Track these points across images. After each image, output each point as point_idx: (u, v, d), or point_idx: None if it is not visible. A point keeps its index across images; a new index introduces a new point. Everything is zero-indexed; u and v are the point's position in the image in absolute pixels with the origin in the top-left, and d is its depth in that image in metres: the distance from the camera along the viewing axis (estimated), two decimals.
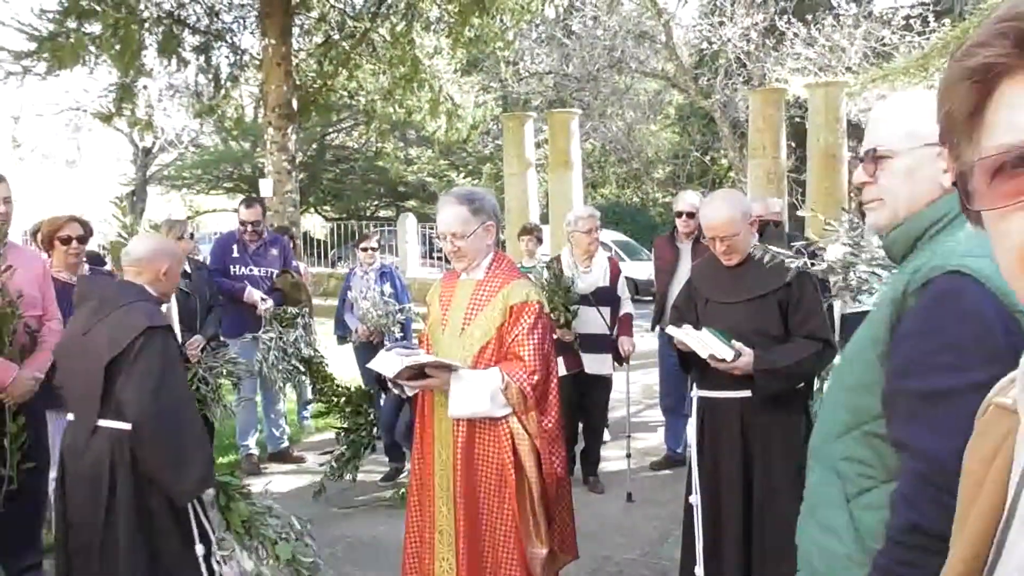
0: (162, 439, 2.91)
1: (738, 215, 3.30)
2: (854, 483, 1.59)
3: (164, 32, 12.71)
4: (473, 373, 2.95)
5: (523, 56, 19.84)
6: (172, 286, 3.33)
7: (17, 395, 3.75)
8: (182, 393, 3.05)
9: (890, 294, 1.55)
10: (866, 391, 1.55)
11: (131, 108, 13.22)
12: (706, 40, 17.95)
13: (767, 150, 12.83)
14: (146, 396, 2.87)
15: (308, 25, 14.40)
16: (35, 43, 12.09)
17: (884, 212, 1.62)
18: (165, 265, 3.19)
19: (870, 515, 1.55)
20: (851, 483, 1.59)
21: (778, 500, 3.25)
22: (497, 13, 12.84)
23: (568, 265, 5.54)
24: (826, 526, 1.64)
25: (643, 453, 6.30)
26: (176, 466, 2.93)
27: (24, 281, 3.81)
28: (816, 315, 3.27)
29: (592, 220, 5.58)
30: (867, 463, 1.57)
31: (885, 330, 1.51)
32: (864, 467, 1.57)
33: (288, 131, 12.77)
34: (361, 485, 5.69)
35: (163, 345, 2.96)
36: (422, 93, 13.96)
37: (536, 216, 14.01)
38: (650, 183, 23.27)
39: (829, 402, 1.74)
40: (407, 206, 25.40)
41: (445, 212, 3.05)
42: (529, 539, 2.93)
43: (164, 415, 2.90)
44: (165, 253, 3.23)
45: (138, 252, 3.19)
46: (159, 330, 2.97)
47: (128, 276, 3.19)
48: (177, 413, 2.95)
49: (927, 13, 15.23)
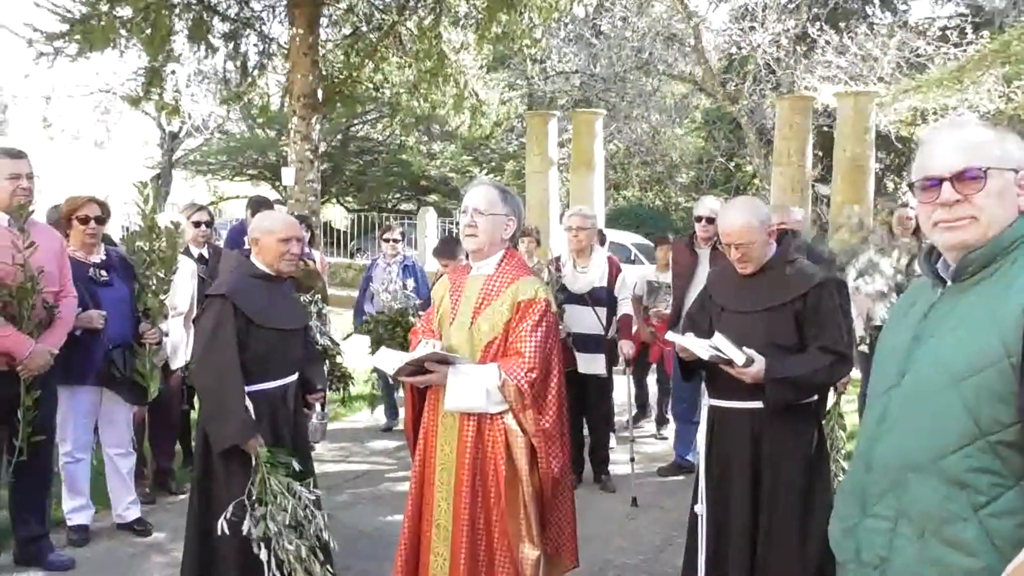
0: (206, 391, 3.48)
1: (755, 223, 3.26)
2: (984, 493, 1.58)
3: (194, 18, 12.78)
4: (471, 368, 2.94)
5: (550, 54, 19.79)
6: (271, 259, 3.58)
7: (33, 368, 3.85)
8: (228, 355, 3.34)
9: (1011, 307, 1.58)
10: (998, 401, 1.56)
11: (159, 92, 13.30)
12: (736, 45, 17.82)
13: (792, 158, 12.71)
14: (198, 351, 3.45)
15: (336, 16, 14.43)
16: (67, 25, 12.19)
17: (975, 230, 1.69)
18: (258, 241, 3.60)
19: (1005, 522, 1.56)
20: (980, 494, 1.58)
21: (785, 514, 3.22)
22: (525, 10, 12.79)
23: (566, 264, 5.53)
24: (954, 543, 1.60)
25: (651, 459, 6.27)
26: (216, 417, 3.36)
27: (44, 257, 3.89)
28: (832, 327, 3.22)
29: (578, 219, 5.54)
30: (997, 472, 1.57)
31: (1016, 341, 1.55)
32: (994, 476, 1.57)
33: (312, 121, 12.80)
34: (368, 476, 5.71)
35: (217, 311, 3.37)
36: (447, 88, 13.94)
37: (556, 215, 13.98)
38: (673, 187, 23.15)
39: (928, 413, 1.66)
40: (428, 200, 25.43)
41: (476, 190, 3.10)
42: (520, 539, 2.90)
43: (209, 370, 3.38)
44: (257, 229, 3.64)
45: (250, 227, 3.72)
46: (218, 298, 3.41)
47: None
48: (220, 371, 3.34)
49: (965, 24, 15.00)
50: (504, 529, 2.91)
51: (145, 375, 4.46)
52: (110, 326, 4.34)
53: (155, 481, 5.25)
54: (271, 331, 3.53)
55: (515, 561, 2.90)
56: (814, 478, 3.28)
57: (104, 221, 4.47)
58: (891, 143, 16.09)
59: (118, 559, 4.31)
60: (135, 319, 4.48)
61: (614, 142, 21.33)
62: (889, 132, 15.25)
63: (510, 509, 2.90)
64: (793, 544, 3.20)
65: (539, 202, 13.96)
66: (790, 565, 3.19)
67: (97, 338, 4.30)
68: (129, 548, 4.46)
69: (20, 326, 3.80)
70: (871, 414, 1.84)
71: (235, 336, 3.38)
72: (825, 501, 3.29)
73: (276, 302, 3.63)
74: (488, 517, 2.93)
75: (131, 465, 4.71)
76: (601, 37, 19.29)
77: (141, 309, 4.50)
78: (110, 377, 4.38)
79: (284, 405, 3.61)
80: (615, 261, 5.77)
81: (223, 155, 27.77)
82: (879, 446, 1.76)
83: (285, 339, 3.61)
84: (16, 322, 3.79)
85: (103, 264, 4.46)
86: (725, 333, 3.27)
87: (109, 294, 4.40)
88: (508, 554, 2.90)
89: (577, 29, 19.97)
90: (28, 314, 3.82)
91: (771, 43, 16.85)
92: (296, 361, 3.69)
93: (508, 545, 2.90)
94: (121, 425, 4.62)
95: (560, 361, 3.07)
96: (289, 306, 3.71)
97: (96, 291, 4.36)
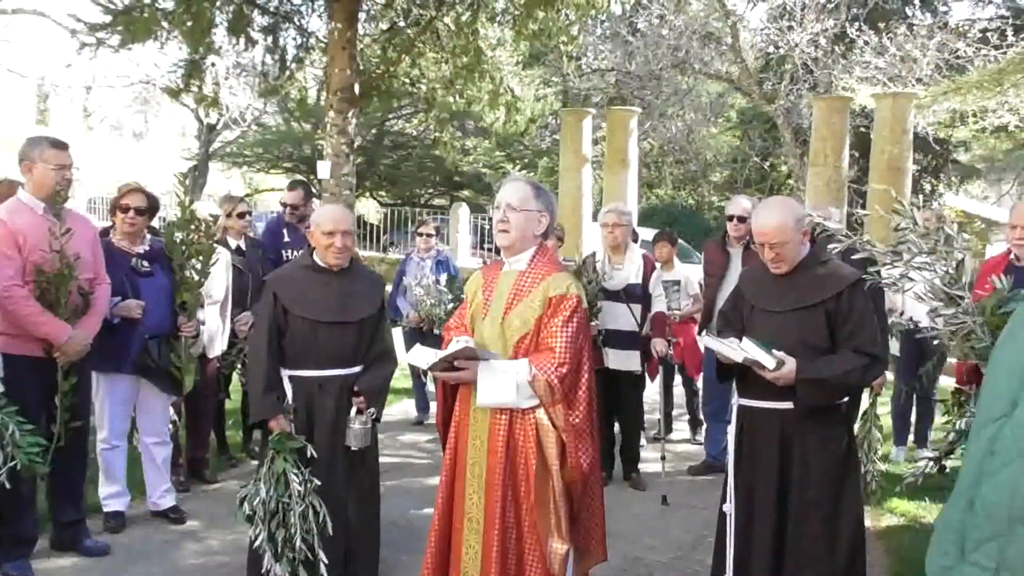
0: (248, 365, 4.16)
1: (790, 223, 3.24)
2: None
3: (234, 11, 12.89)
4: (502, 363, 2.97)
5: (586, 51, 19.73)
6: (320, 251, 3.74)
7: (71, 354, 3.89)
8: (260, 338, 3.71)
9: None
10: None
11: (198, 84, 13.45)
12: (773, 44, 17.65)
13: (829, 159, 12.57)
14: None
15: (374, 11, 14.49)
16: (110, 16, 12.36)
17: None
18: (311, 233, 3.79)
19: None
20: None
21: (812, 514, 3.21)
22: (562, 7, 12.75)
23: (601, 261, 5.53)
24: None
25: (682, 457, 6.25)
26: (251, 391, 3.84)
27: (79, 244, 3.94)
28: (866, 328, 3.20)
29: (614, 216, 5.58)
30: None
31: None
32: None
33: (349, 115, 12.87)
34: (399, 469, 5.75)
35: (263, 296, 3.79)
36: (483, 84, 13.95)
37: (589, 213, 13.95)
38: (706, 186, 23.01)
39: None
40: (461, 196, 25.47)
41: (509, 186, 3.12)
42: (549, 534, 2.92)
43: (250, 347, 4.12)
44: (311, 221, 3.95)
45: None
46: (265, 283, 3.87)
47: None
48: (254, 351, 3.82)
49: (1005, 27, 14.74)
50: (534, 523, 2.93)
51: (181, 367, 4.51)
52: (149, 316, 4.39)
53: (189, 469, 5.33)
54: (304, 320, 3.63)
55: (544, 555, 2.92)
56: (843, 483, 3.26)
57: (145, 212, 4.52)
58: (929, 145, 15.86)
59: (153, 546, 4.38)
60: (174, 311, 4.53)
61: (648, 140, 21.23)
62: (927, 134, 15.02)
63: (540, 503, 2.92)
64: (820, 553, 3.19)
65: (572, 199, 13.94)
66: (815, 566, 3.18)
67: (135, 327, 4.35)
68: (163, 536, 4.52)
69: (57, 312, 3.83)
70: (976, 444, 1.62)
71: (271, 321, 3.64)
72: (854, 508, 3.28)
73: (319, 292, 3.68)
74: (518, 511, 2.95)
75: (167, 454, 4.77)
76: (637, 35, 19.18)
77: (179, 302, 4.54)
78: (146, 366, 4.43)
79: (321, 397, 3.66)
80: (650, 258, 5.77)
81: (259, 147, 28.00)
82: (984, 485, 1.56)
83: (321, 330, 3.65)
84: (53, 308, 3.82)
85: (146, 255, 4.51)
86: (757, 332, 3.27)
87: (150, 284, 4.46)
88: (537, 548, 2.92)
89: (613, 26, 19.88)
90: (65, 300, 3.86)
91: (809, 43, 16.66)
92: (342, 356, 3.69)
93: (537, 539, 2.92)
94: (157, 414, 4.69)
95: (590, 358, 3.08)
96: (338, 299, 3.71)
97: (137, 281, 4.42)
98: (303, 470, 3.48)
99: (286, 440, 3.52)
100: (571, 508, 2.98)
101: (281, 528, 3.42)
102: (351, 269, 3.81)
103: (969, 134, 14.79)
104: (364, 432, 3.68)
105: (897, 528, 4.99)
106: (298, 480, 3.43)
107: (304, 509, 3.43)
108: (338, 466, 3.66)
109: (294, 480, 3.43)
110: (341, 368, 3.69)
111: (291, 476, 3.43)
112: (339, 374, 3.68)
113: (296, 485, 3.42)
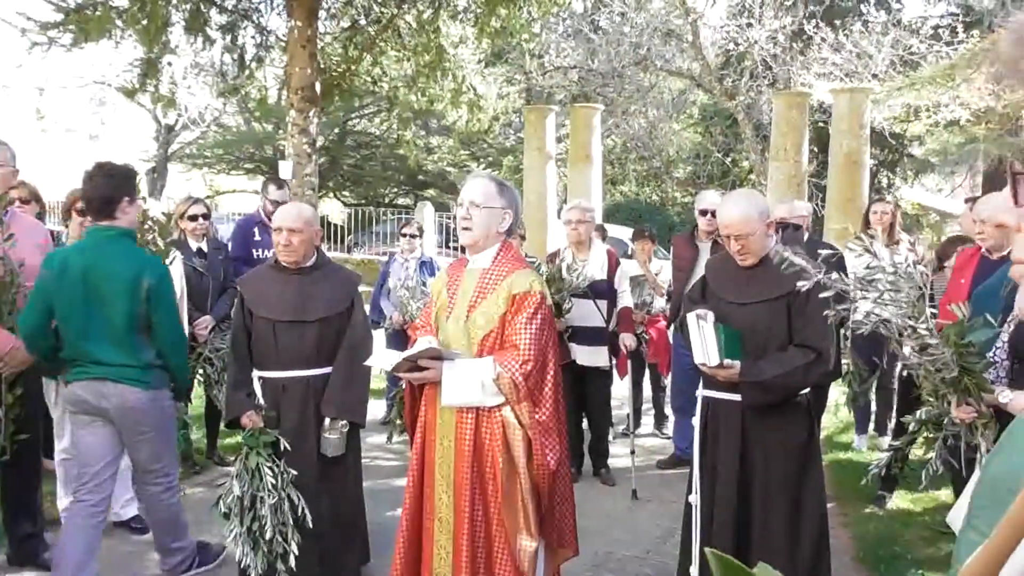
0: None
1: (754, 215, 3.26)
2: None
3: (191, 9, 12.69)
4: (466, 362, 2.94)
5: (548, 49, 19.72)
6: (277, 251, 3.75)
7: (14, 364, 3.72)
8: (231, 337, 3.84)
9: None
10: None
11: (155, 84, 13.21)
12: (733, 41, 17.77)
13: (789, 153, 12.74)
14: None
15: (335, 9, 14.36)
16: (62, 14, 12.09)
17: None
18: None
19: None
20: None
21: (774, 503, 3.24)
22: (524, 5, 12.74)
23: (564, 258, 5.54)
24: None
25: (650, 452, 6.28)
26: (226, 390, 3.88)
27: (25, 250, 3.78)
28: (815, 322, 3.16)
29: (577, 212, 5.61)
30: None
31: None
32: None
33: (310, 114, 12.74)
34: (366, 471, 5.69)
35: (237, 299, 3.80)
36: (445, 82, 13.89)
37: (554, 209, 13.97)
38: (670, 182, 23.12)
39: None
40: (426, 195, 25.39)
41: (472, 183, 3.10)
42: (518, 531, 2.90)
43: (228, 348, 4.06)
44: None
45: None
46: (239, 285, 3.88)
47: None
48: (229, 351, 3.91)
49: (956, 23, 15.03)
50: (502, 521, 2.91)
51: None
52: None
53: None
54: (265, 320, 3.62)
55: (513, 552, 2.90)
56: (805, 475, 3.29)
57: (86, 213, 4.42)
58: (885, 139, 16.11)
59: (115, 557, 4.28)
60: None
61: (612, 137, 21.31)
62: (883, 128, 15.25)
63: (508, 501, 2.90)
64: (783, 544, 3.22)
65: (537, 196, 13.96)
66: (780, 566, 3.19)
67: None
68: (127, 546, 4.44)
69: (0, 321, 3.68)
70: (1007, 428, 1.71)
71: (241, 321, 3.71)
72: (816, 500, 3.31)
73: (279, 292, 3.63)
74: (487, 510, 2.93)
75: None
76: (599, 32, 19.23)
77: None
78: None
79: (286, 399, 3.61)
80: (614, 254, 5.77)
81: (219, 149, 27.64)
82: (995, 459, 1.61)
83: (280, 330, 3.60)
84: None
85: None
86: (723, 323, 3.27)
87: None
88: (506, 546, 2.90)
89: (575, 24, 19.91)
90: (8, 309, 3.70)
91: (768, 40, 16.82)
92: (302, 357, 3.63)
93: (506, 537, 2.90)
94: None
95: (556, 354, 3.07)
96: (296, 298, 3.65)
97: None
98: (278, 463, 3.47)
99: (259, 435, 3.52)
100: (540, 505, 2.96)
101: (255, 522, 3.38)
102: (318, 268, 3.75)
103: (923, 129, 15.03)
104: (339, 441, 3.67)
105: (863, 517, 5.05)
106: (272, 473, 3.42)
107: (277, 501, 3.40)
108: (308, 469, 3.61)
109: (268, 474, 3.41)
110: (302, 369, 3.64)
111: (264, 470, 3.41)
112: (301, 375, 3.64)
113: (270, 478, 3.40)
